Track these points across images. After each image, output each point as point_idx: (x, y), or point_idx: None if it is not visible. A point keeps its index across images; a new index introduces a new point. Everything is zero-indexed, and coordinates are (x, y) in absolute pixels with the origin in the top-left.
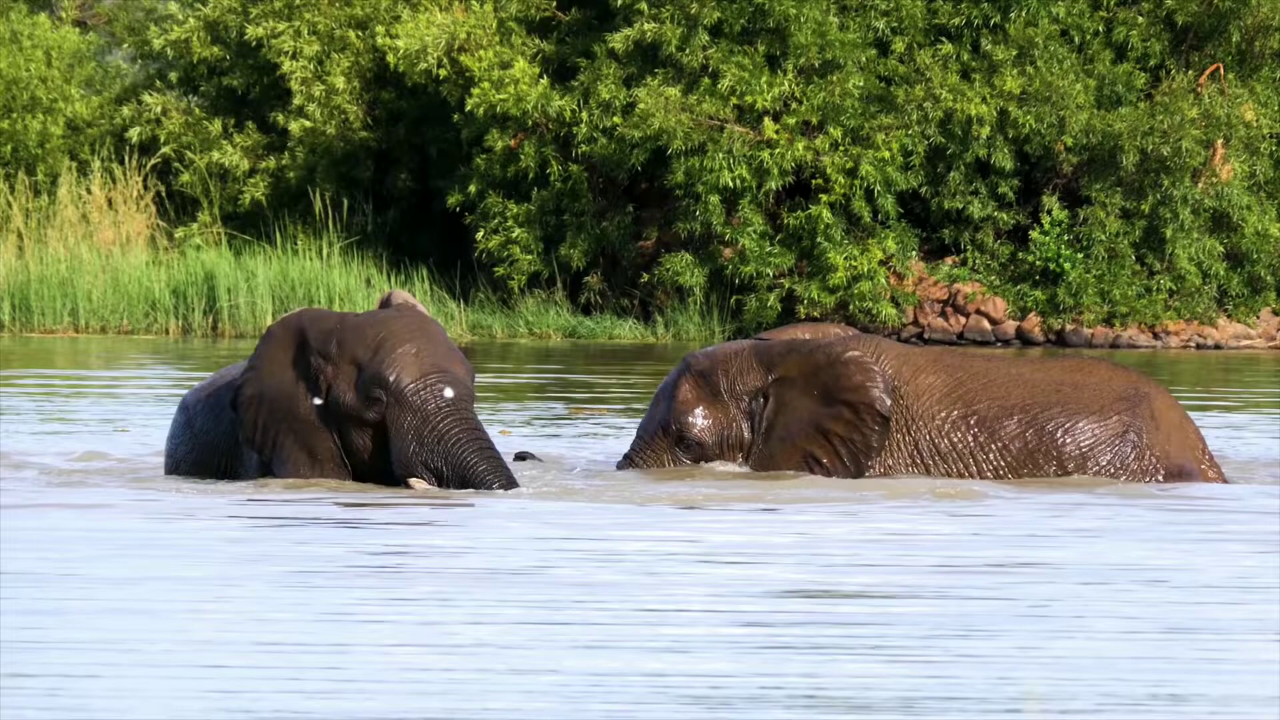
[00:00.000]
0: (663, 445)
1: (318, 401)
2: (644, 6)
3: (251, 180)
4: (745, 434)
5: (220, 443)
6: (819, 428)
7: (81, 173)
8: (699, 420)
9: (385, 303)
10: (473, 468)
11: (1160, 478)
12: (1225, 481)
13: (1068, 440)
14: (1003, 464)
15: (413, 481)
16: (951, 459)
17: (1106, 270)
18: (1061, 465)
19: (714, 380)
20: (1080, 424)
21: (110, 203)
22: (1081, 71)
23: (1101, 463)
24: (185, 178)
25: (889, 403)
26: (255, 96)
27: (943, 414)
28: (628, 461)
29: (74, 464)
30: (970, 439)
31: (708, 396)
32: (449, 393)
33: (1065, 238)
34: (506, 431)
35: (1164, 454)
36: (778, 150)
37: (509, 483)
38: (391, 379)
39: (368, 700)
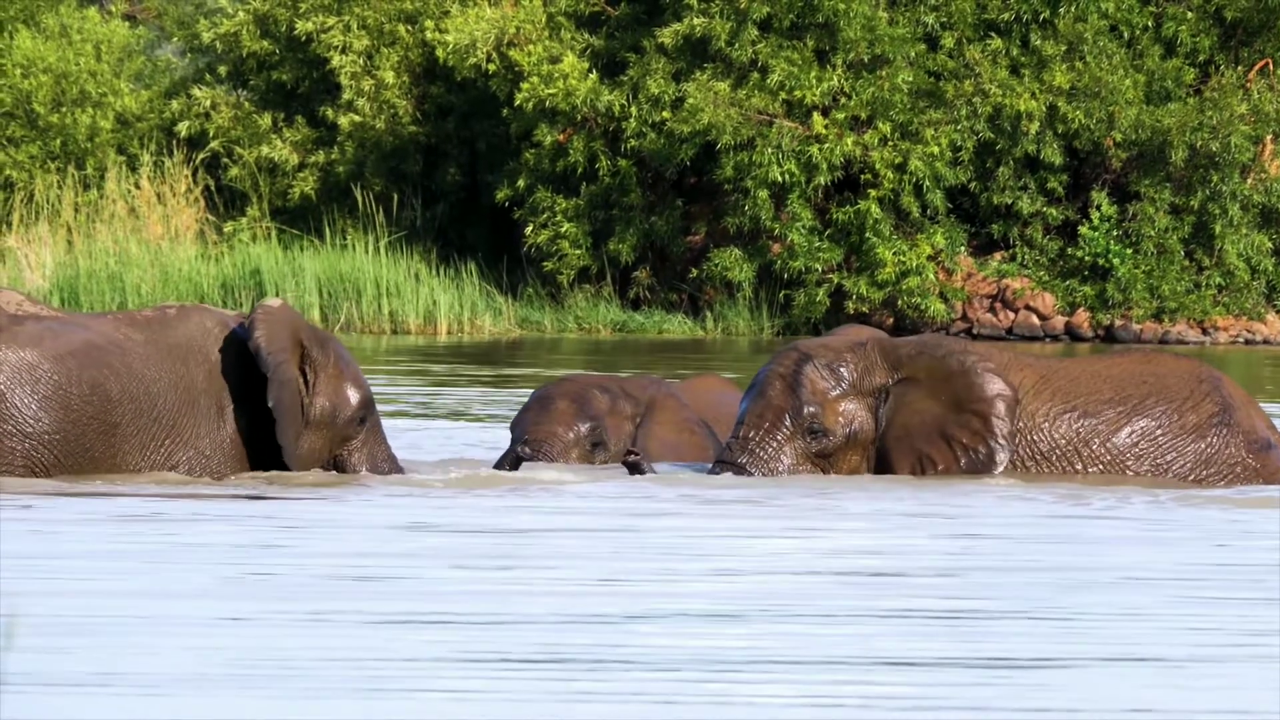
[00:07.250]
0: (788, 433)
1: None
2: (693, 1)
3: (300, 174)
4: (870, 430)
5: None
6: (943, 433)
7: (130, 167)
8: (836, 410)
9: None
10: None
11: (1255, 451)
12: None
13: (1170, 426)
14: (1107, 456)
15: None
16: (1055, 457)
17: (1155, 266)
18: (1163, 452)
19: (842, 372)
20: (1177, 409)
21: (159, 197)
22: (1130, 67)
23: (1202, 445)
24: (234, 172)
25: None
26: (304, 91)
27: (1042, 411)
28: (743, 451)
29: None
30: (1073, 434)
31: (841, 388)
32: None
33: (1114, 233)
34: None
35: (1252, 429)
36: (826, 145)
37: None
38: None
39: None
